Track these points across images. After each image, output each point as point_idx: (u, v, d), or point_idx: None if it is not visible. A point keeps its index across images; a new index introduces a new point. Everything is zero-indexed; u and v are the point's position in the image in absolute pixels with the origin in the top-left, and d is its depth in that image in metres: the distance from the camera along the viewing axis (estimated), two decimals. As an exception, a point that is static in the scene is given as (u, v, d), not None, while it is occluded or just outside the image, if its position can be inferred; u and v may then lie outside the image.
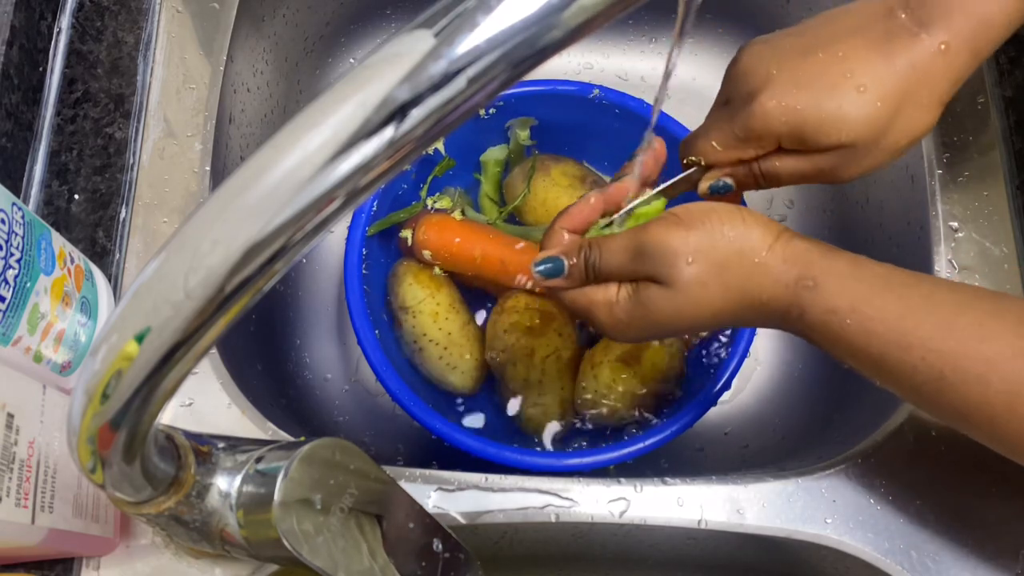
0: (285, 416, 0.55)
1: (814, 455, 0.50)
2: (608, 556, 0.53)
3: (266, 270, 0.22)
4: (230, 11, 0.58)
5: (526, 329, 0.57)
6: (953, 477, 0.48)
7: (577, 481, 0.48)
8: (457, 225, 0.60)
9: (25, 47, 0.52)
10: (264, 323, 0.61)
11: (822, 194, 0.68)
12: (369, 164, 0.21)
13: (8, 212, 0.39)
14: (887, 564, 0.46)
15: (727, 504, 0.47)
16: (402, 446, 0.63)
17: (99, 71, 0.55)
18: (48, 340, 0.42)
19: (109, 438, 0.27)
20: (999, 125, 0.56)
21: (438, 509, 0.46)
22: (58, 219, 0.51)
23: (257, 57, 0.62)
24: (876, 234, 0.61)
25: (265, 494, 0.35)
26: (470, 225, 0.61)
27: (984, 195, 0.55)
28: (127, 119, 0.54)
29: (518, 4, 0.20)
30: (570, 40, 0.21)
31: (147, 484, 0.33)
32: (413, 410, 0.51)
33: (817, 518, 0.47)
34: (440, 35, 0.20)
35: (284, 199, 0.21)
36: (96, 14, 0.57)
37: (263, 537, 0.36)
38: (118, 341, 0.24)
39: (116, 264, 0.51)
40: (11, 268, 0.39)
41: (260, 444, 0.38)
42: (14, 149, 0.51)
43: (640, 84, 0.73)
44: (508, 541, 0.50)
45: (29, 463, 0.38)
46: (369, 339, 0.53)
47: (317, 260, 0.69)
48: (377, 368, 0.52)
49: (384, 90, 0.20)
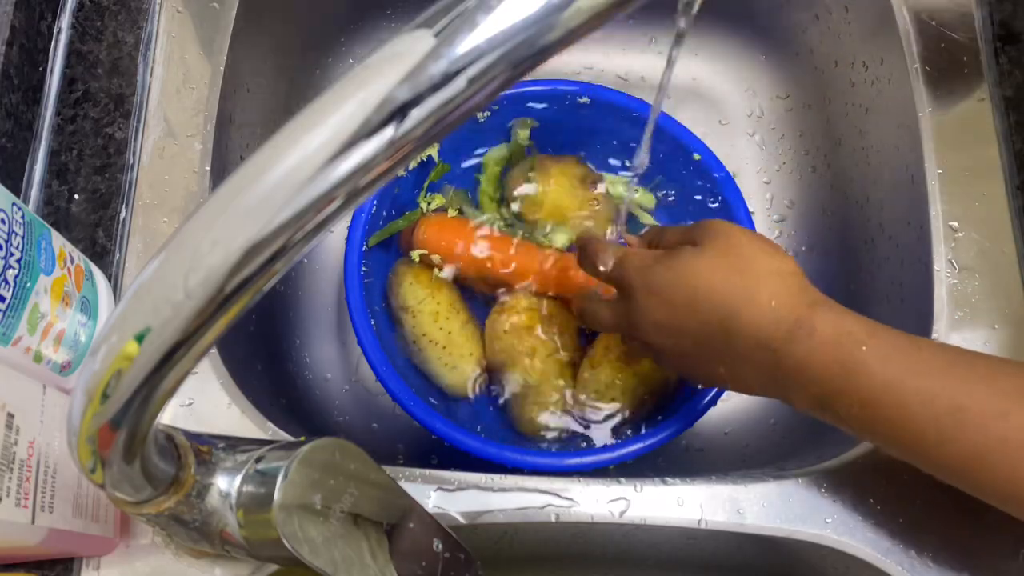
0: (285, 416, 0.55)
1: (814, 455, 0.50)
2: (608, 556, 0.53)
3: (266, 270, 0.22)
4: (230, 11, 0.58)
5: (526, 329, 0.57)
6: (953, 477, 0.48)
7: (577, 481, 0.48)
8: (455, 224, 0.60)
9: (25, 47, 0.52)
10: (264, 323, 0.61)
11: (822, 194, 0.68)
12: (369, 164, 0.21)
13: (8, 212, 0.39)
14: (887, 564, 0.46)
15: (727, 504, 0.47)
16: (402, 446, 0.63)
17: (99, 71, 0.55)
18: (48, 340, 0.42)
19: (109, 438, 0.27)
20: (999, 125, 0.56)
21: (438, 509, 0.46)
22: (58, 219, 0.51)
23: (257, 57, 0.62)
24: (876, 234, 0.61)
25: (265, 494, 0.35)
26: (468, 224, 0.61)
27: (984, 195, 0.55)
28: (127, 119, 0.54)
29: (518, 4, 0.20)
30: (570, 40, 0.21)
31: (147, 484, 0.33)
32: (413, 410, 0.51)
33: (817, 518, 0.47)
34: (440, 35, 0.20)
35: (284, 199, 0.21)
36: (96, 14, 0.57)
37: (263, 537, 0.36)
38: (118, 341, 0.24)
39: (116, 264, 0.51)
40: (11, 268, 0.39)
41: (260, 444, 0.38)
42: (14, 149, 0.51)
43: (640, 84, 0.73)
44: (508, 541, 0.50)
45: (29, 463, 0.38)
46: (369, 339, 0.53)
47: (317, 260, 0.69)
48: (377, 368, 0.52)
49: (384, 90, 0.20)
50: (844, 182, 0.66)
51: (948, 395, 0.36)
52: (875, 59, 0.62)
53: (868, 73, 0.63)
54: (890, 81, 0.61)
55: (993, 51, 0.58)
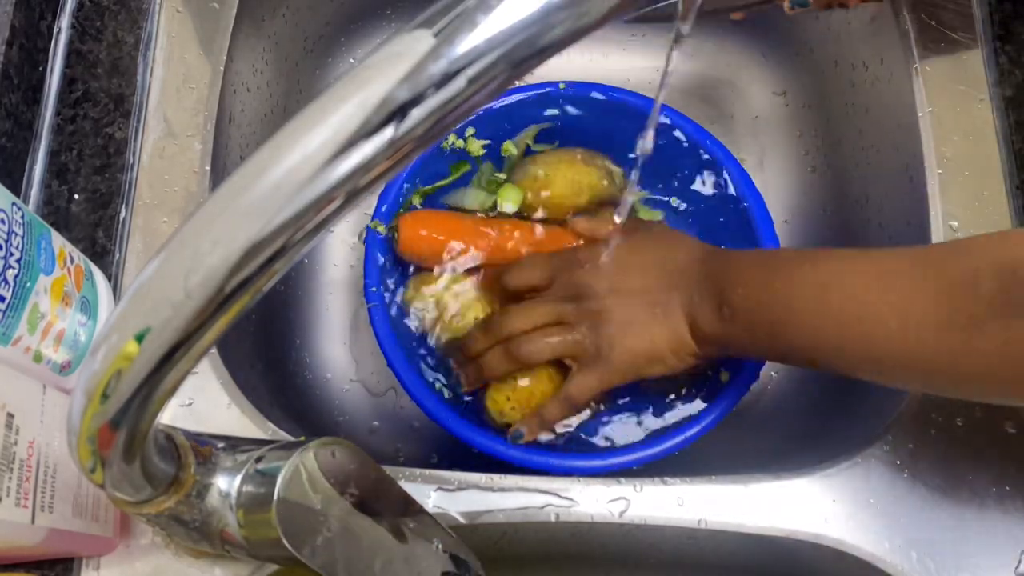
0: (285, 416, 0.55)
1: (814, 455, 0.50)
2: (608, 556, 0.53)
3: (266, 270, 0.22)
4: (230, 11, 0.58)
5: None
6: (953, 477, 0.48)
7: (577, 481, 0.48)
8: (433, 218, 0.59)
9: (25, 47, 0.52)
10: (264, 323, 0.61)
11: (822, 194, 0.68)
12: (369, 164, 0.21)
13: (8, 212, 0.39)
14: (887, 564, 0.46)
15: (727, 504, 0.47)
16: (402, 446, 0.63)
17: (99, 71, 0.55)
18: (48, 340, 0.42)
19: (109, 438, 0.27)
20: (999, 125, 0.56)
21: (438, 509, 0.47)
22: (58, 219, 0.51)
23: (257, 57, 0.62)
24: (876, 234, 0.61)
25: (265, 494, 0.35)
26: (447, 216, 0.60)
27: (984, 195, 0.55)
28: (127, 119, 0.54)
29: (518, 4, 0.20)
30: (570, 40, 0.21)
31: (147, 484, 0.33)
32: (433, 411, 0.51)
33: (817, 518, 0.47)
34: (440, 35, 0.20)
35: (284, 199, 0.21)
36: (96, 14, 0.57)
37: (263, 537, 0.36)
38: (118, 341, 0.24)
39: (116, 264, 0.51)
40: (11, 268, 0.39)
41: (260, 444, 0.38)
42: (14, 149, 0.51)
43: (640, 84, 0.73)
44: (508, 541, 0.50)
45: (29, 463, 0.38)
46: (387, 335, 0.53)
47: (317, 260, 0.69)
48: (395, 366, 0.53)
49: (384, 90, 0.20)
50: (844, 182, 0.66)
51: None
52: (875, 59, 0.62)
53: (868, 73, 0.63)
54: (890, 81, 0.61)
55: (993, 51, 0.58)
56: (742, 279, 0.47)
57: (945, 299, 0.38)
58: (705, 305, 0.48)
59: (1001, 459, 0.49)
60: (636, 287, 0.51)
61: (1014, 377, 0.37)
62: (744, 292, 0.47)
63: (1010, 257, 0.37)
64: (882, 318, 0.40)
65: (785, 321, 0.45)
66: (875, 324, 0.41)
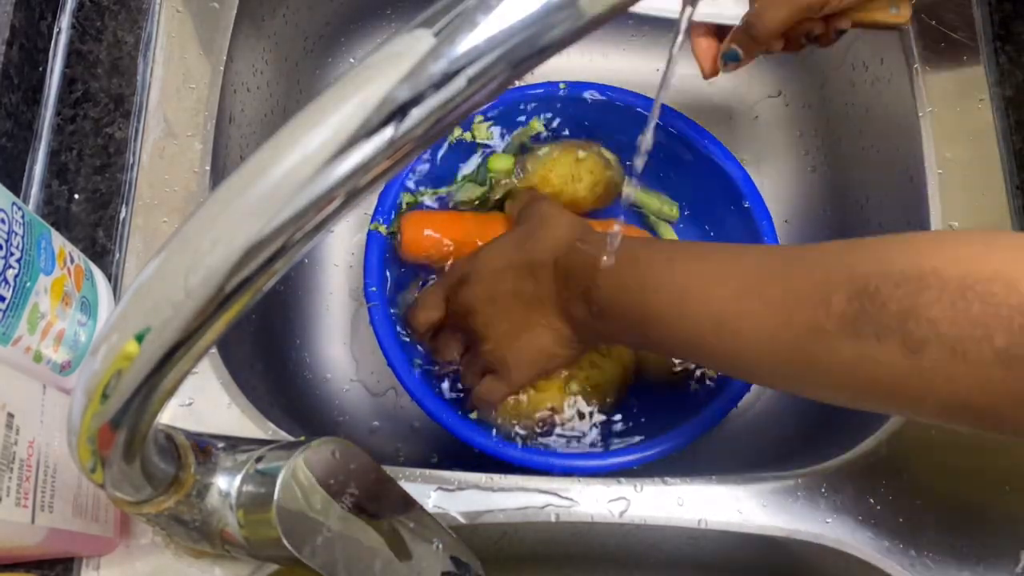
0: (285, 416, 0.55)
1: (814, 455, 0.50)
2: (608, 556, 0.53)
3: (266, 270, 0.22)
4: (230, 11, 0.58)
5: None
6: (953, 477, 0.48)
7: (577, 481, 0.48)
8: (431, 219, 0.59)
9: (25, 47, 0.52)
10: (264, 323, 0.61)
11: (822, 194, 0.68)
12: (369, 164, 0.21)
13: (8, 212, 0.39)
14: (887, 564, 0.46)
15: (727, 504, 0.47)
16: (402, 446, 0.63)
17: (99, 71, 0.55)
18: (48, 340, 0.42)
19: (109, 438, 0.27)
20: (999, 125, 0.56)
21: (438, 509, 0.47)
22: (58, 219, 0.51)
23: (257, 57, 0.62)
24: (876, 234, 0.61)
25: (265, 494, 0.35)
26: (448, 216, 0.60)
27: (984, 195, 0.55)
28: (127, 119, 0.54)
29: (518, 4, 0.20)
30: (570, 40, 0.21)
31: (147, 484, 0.33)
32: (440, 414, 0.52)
33: (817, 518, 0.47)
34: (440, 35, 0.20)
35: (284, 199, 0.21)
36: (96, 14, 0.57)
37: (263, 537, 0.36)
38: (118, 341, 0.24)
39: (116, 264, 0.51)
40: (11, 268, 0.39)
41: (260, 444, 0.38)
42: (14, 149, 0.51)
43: (640, 84, 0.73)
44: (508, 541, 0.50)
45: (29, 463, 0.38)
46: (390, 339, 0.53)
47: (317, 260, 0.69)
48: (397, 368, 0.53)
49: (384, 90, 0.20)
50: (844, 182, 0.66)
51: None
52: (875, 59, 0.62)
53: (868, 73, 0.63)
54: (890, 81, 0.61)
55: (993, 51, 0.58)
56: (601, 277, 0.46)
57: (798, 312, 0.37)
58: (574, 301, 0.48)
59: (1001, 459, 0.49)
60: (509, 289, 0.51)
61: (866, 390, 0.36)
62: (602, 293, 0.46)
63: (860, 272, 0.36)
64: (739, 329, 0.40)
65: (646, 323, 0.44)
66: (732, 334, 0.40)
